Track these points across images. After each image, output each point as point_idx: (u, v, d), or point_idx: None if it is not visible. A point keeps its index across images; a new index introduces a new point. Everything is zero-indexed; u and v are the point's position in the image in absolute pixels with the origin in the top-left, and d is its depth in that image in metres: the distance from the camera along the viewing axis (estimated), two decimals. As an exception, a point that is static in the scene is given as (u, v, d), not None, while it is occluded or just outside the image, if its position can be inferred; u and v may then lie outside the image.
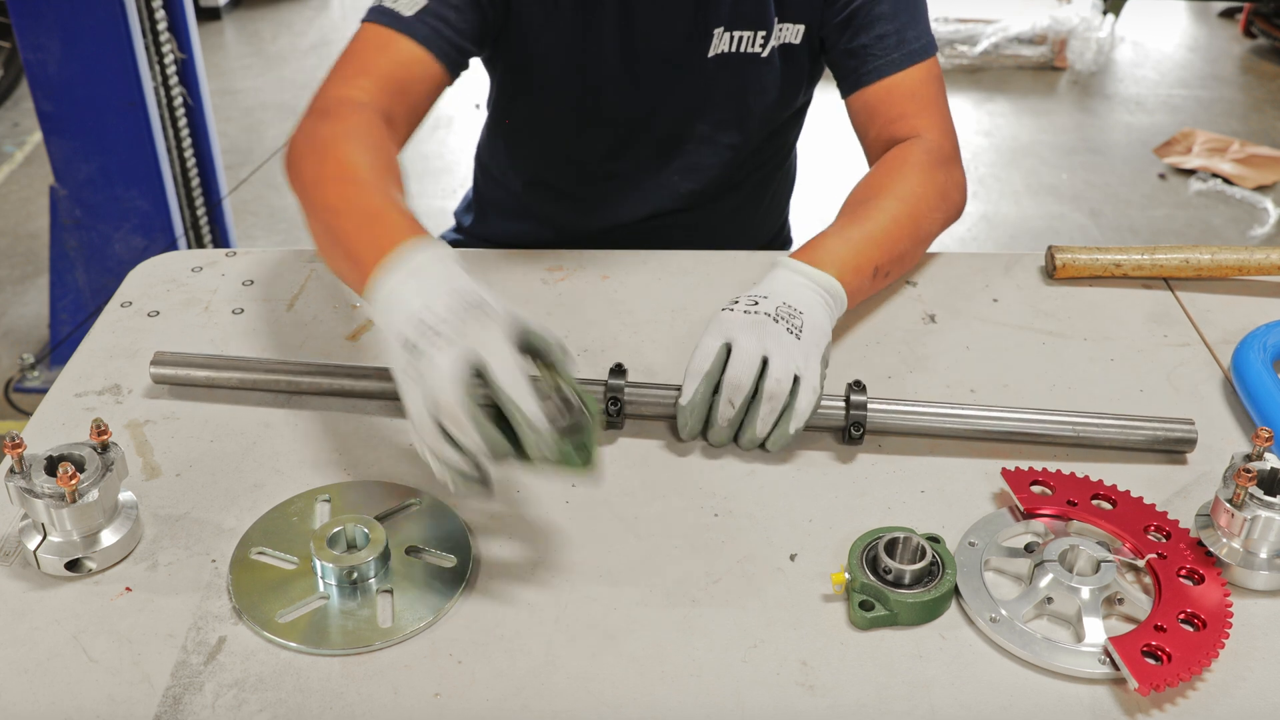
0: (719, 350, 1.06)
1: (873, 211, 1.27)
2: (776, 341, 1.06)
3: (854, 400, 1.08)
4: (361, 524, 0.95)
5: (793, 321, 1.08)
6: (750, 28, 1.40)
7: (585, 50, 1.40)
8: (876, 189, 1.31)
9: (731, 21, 1.39)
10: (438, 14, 1.28)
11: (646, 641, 0.89)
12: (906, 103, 1.40)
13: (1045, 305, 1.33)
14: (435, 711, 0.83)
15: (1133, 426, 1.08)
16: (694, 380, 1.06)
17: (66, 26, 2.58)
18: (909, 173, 1.33)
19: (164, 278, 1.34)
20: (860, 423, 1.07)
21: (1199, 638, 0.87)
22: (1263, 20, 5.45)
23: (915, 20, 1.41)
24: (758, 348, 1.06)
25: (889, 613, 0.90)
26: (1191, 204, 4.15)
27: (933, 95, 1.42)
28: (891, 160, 1.36)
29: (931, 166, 1.35)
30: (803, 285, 1.15)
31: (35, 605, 0.91)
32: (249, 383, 1.14)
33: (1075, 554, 0.94)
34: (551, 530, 0.99)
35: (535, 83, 1.46)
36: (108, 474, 0.93)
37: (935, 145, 1.38)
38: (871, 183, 1.33)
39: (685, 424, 1.07)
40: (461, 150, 4.49)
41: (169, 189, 2.85)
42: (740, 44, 1.41)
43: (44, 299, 3.21)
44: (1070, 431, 1.08)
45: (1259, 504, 0.92)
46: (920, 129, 1.39)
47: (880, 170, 1.35)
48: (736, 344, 1.06)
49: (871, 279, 1.23)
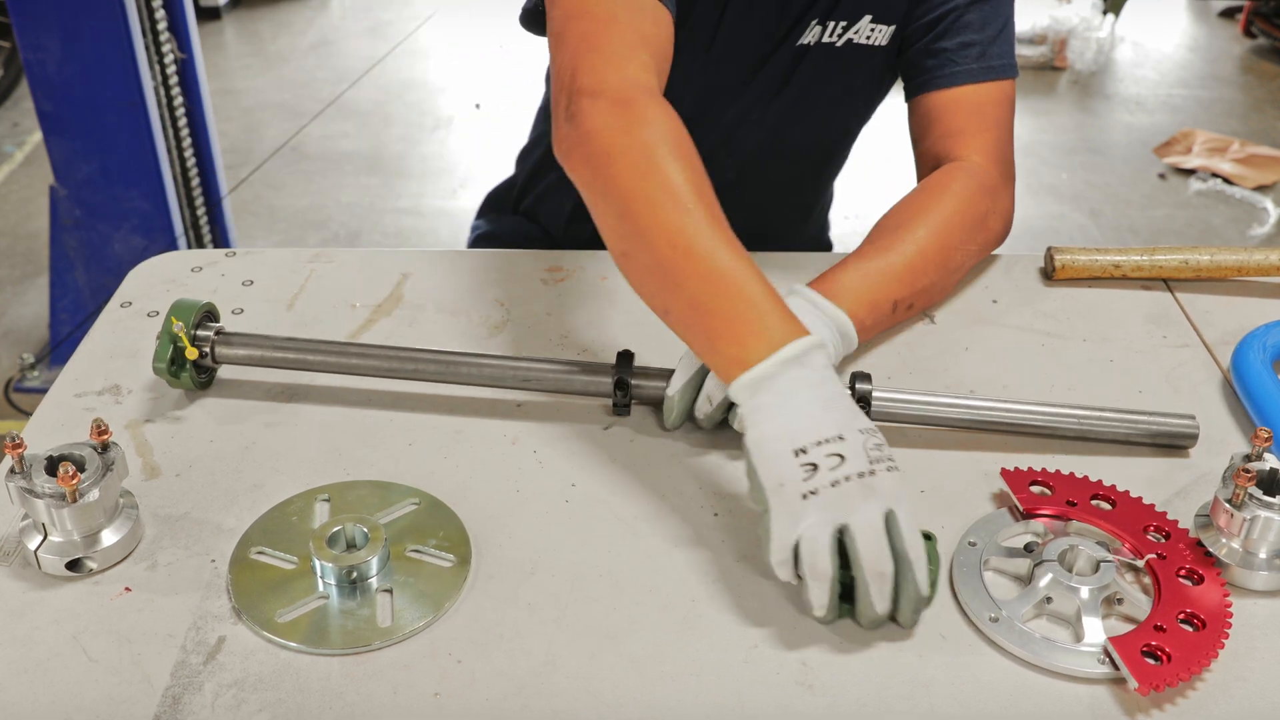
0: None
1: (900, 241, 1.23)
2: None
3: (859, 390, 1.08)
4: (361, 524, 0.95)
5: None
6: (835, 18, 1.36)
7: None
8: (909, 215, 1.27)
9: (825, 13, 1.36)
10: None
11: (646, 641, 0.89)
12: (969, 118, 1.35)
13: (1044, 306, 1.33)
14: (435, 711, 0.83)
15: (1135, 420, 1.09)
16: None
17: (66, 26, 2.58)
18: (946, 200, 1.28)
19: (164, 278, 1.34)
20: (865, 407, 1.07)
21: (1199, 638, 0.87)
22: (1263, 20, 5.45)
23: (1003, 38, 1.36)
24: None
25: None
26: (1191, 204, 4.16)
27: (999, 117, 1.36)
28: (931, 185, 1.31)
29: (973, 194, 1.29)
30: (811, 315, 1.11)
31: (35, 605, 0.91)
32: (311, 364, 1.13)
33: (1075, 554, 0.94)
34: (551, 530, 0.99)
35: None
36: (108, 474, 0.93)
37: (981, 170, 1.32)
38: (904, 208, 1.29)
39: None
40: (461, 150, 4.49)
41: (169, 189, 2.85)
42: (824, 34, 1.38)
43: (44, 299, 3.21)
44: (1074, 425, 1.09)
45: (1258, 504, 0.93)
46: (973, 150, 1.33)
47: (917, 196, 1.30)
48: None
49: (890, 314, 1.20)
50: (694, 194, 1.00)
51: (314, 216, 3.99)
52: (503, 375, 1.12)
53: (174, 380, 1.12)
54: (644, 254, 1.00)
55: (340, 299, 1.31)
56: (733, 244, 0.99)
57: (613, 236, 1.04)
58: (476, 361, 1.12)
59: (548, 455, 1.08)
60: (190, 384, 1.13)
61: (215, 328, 1.13)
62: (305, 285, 1.33)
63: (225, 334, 1.13)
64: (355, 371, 1.13)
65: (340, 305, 1.30)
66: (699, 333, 0.98)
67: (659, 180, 1.00)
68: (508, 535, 0.99)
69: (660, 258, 0.99)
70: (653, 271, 1.00)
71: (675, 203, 0.99)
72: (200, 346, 1.11)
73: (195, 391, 1.15)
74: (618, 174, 1.02)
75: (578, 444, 1.09)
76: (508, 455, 1.08)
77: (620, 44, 1.11)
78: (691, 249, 0.97)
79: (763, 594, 0.94)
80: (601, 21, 1.12)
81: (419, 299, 1.31)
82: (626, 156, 1.02)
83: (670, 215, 0.99)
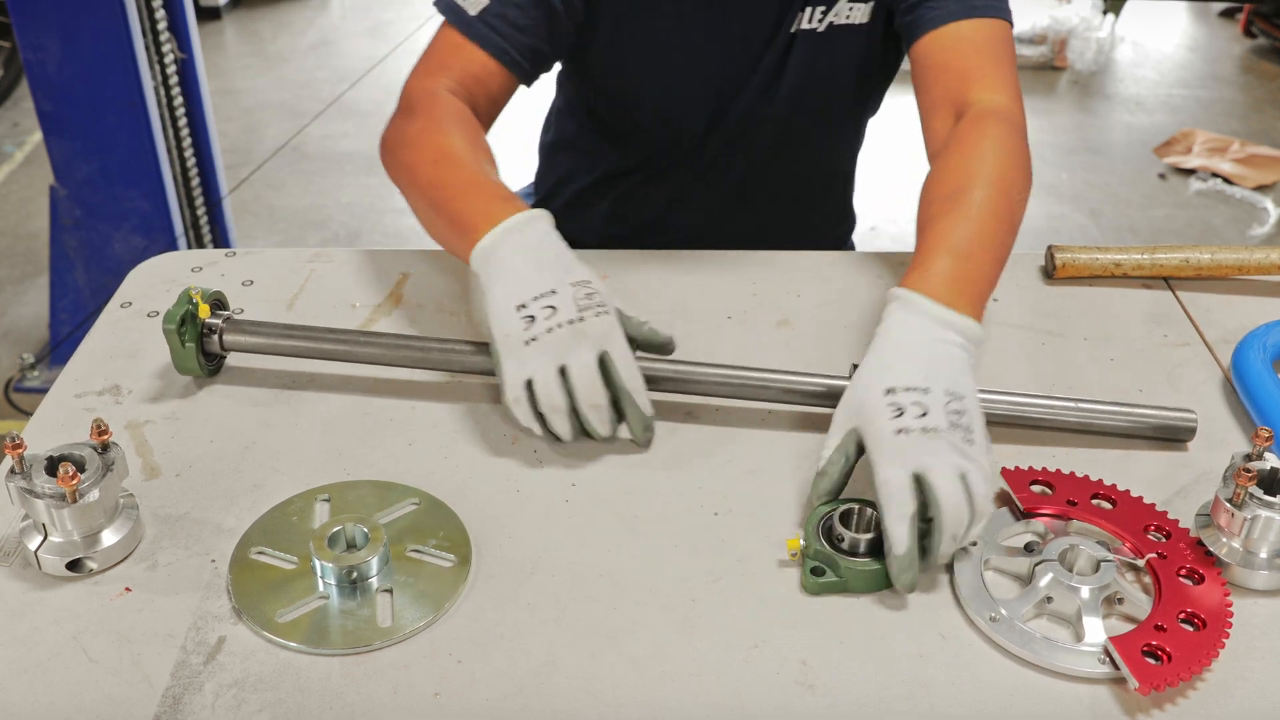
0: (911, 484, 0.93)
1: (970, 210, 1.14)
2: (964, 458, 0.94)
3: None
4: (361, 524, 0.95)
5: (963, 419, 0.96)
6: (815, 4, 1.38)
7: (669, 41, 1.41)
8: (966, 176, 1.18)
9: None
10: (499, 13, 1.30)
11: (646, 641, 0.89)
12: (972, 55, 1.29)
13: (1045, 305, 1.33)
14: (435, 711, 0.83)
15: (1134, 414, 1.09)
16: (900, 524, 0.92)
17: (66, 26, 2.58)
18: (990, 150, 1.21)
19: (164, 278, 1.34)
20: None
21: (1199, 637, 0.87)
22: (1263, 20, 5.45)
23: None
24: (953, 471, 0.93)
25: (838, 579, 0.93)
26: (1191, 204, 4.15)
27: (1002, 54, 1.30)
28: (968, 138, 1.23)
29: (1016, 139, 1.24)
30: (951, 344, 1.03)
31: (35, 605, 0.91)
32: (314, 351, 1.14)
33: (1075, 553, 0.94)
34: (551, 530, 0.99)
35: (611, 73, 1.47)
36: (108, 474, 0.93)
37: (1007, 110, 1.26)
38: (956, 168, 1.21)
39: (904, 572, 0.91)
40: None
41: (169, 189, 2.85)
42: (808, 19, 1.39)
43: (44, 299, 3.21)
44: (1074, 418, 1.09)
45: (1259, 504, 0.93)
46: (989, 88, 1.27)
47: (962, 152, 1.22)
48: (931, 475, 0.93)
49: (990, 289, 1.14)
50: (466, 152, 1.21)
51: (314, 216, 3.99)
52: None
53: (181, 352, 1.12)
54: (421, 207, 1.21)
55: (340, 299, 1.31)
56: (481, 168, 1.19)
57: (415, 211, 1.24)
58: (481, 351, 1.12)
59: (548, 455, 1.08)
60: (199, 370, 1.13)
61: (224, 314, 1.14)
62: (305, 285, 1.33)
63: (234, 320, 1.14)
64: (362, 360, 1.14)
65: (340, 305, 1.30)
66: (455, 239, 1.14)
67: (430, 148, 1.22)
68: (508, 535, 0.99)
69: (428, 201, 1.19)
70: (427, 219, 1.21)
71: (444, 159, 1.20)
72: (209, 330, 1.13)
73: (201, 379, 1.15)
74: (402, 155, 1.25)
75: (578, 444, 1.09)
76: (508, 455, 1.08)
77: (428, 68, 1.33)
78: (445, 185, 1.18)
79: (763, 594, 0.94)
80: (425, 55, 1.34)
81: (419, 299, 1.31)
82: (405, 139, 1.26)
83: (439, 168, 1.20)
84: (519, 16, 1.31)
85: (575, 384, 1.03)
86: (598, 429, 1.05)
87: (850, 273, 1.37)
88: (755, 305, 1.31)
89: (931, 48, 1.32)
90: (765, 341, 1.25)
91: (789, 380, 1.10)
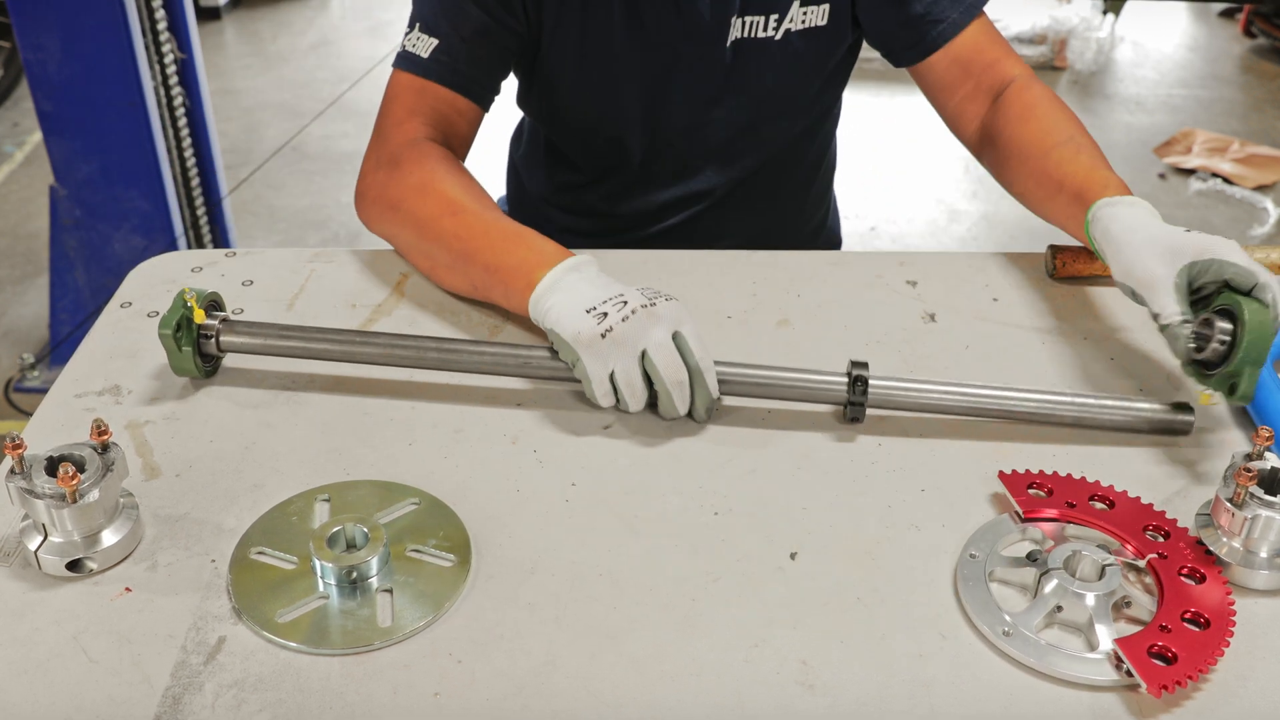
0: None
1: (1089, 145, 1.30)
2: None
3: (855, 375, 1.09)
4: (361, 524, 0.95)
5: None
6: (762, 12, 1.40)
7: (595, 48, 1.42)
8: (1068, 125, 1.33)
9: (744, 7, 1.40)
10: (449, 50, 1.35)
11: (646, 641, 0.89)
12: (989, 47, 1.42)
13: (1045, 304, 1.33)
14: (435, 711, 0.83)
15: (1131, 408, 1.10)
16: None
17: (66, 26, 2.58)
18: (1060, 106, 1.36)
19: (164, 278, 1.34)
20: (863, 385, 1.09)
21: (1204, 636, 0.87)
22: (1263, 20, 5.44)
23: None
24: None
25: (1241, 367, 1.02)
26: (1191, 204, 4.15)
27: (999, 36, 1.44)
28: (1041, 103, 1.36)
29: (1055, 96, 1.38)
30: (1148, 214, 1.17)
31: (35, 606, 0.91)
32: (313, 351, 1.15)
33: (1079, 559, 0.94)
34: (551, 530, 0.99)
35: (555, 89, 1.49)
36: (108, 474, 0.93)
37: (1036, 80, 1.40)
38: (1056, 121, 1.34)
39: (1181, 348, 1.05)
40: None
41: (169, 189, 2.85)
42: (752, 29, 1.42)
43: (44, 299, 3.21)
44: (1071, 412, 1.09)
45: (1259, 503, 0.92)
46: (1013, 65, 1.42)
47: (1048, 112, 1.35)
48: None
49: None
50: (479, 204, 1.24)
51: (314, 216, 3.99)
52: (503, 362, 1.13)
53: (178, 355, 1.12)
54: (443, 256, 1.25)
55: (340, 299, 1.31)
56: (500, 216, 1.22)
57: (420, 259, 1.29)
58: (478, 349, 1.13)
59: (548, 455, 1.08)
60: (196, 371, 1.13)
61: (221, 315, 1.14)
62: (305, 285, 1.33)
63: (230, 321, 1.14)
64: (359, 359, 1.14)
65: (340, 305, 1.30)
66: (497, 286, 1.18)
67: (437, 199, 1.25)
68: (508, 535, 0.99)
69: (455, 252, 1.22)
70: (453, 267, 1.24)
71: (459, 210, 1.24)
72: (205, 333, 1.13)
73: (200, 380, 1.16)
74: (411, 207, 1.27)
75: (578, 444, 1.09)
76: (508, 455, 1.08)
77: (396, 119, 1.35)
78: (473, 236, 1.21)
79: (763, 594, 0.93)
80: (386, 108, 1.37)
81: (419, 299, 1.31)
82: (406, 192, 1.28)
83: (459, 219, 1.23)
84: (468, 52, 1.36)
85: (659, 364, 1.06)
86: (677, 407, 1.08)
87: (850, 273, 1.37)
88: (755, 305, 1.31)
89: (950, 56, 1.43)
90: (765, 341, 1.25)
91: (794, 377, 1.11)
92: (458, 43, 1.35)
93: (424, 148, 1.31)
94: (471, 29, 1.35)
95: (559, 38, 1.42)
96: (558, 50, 1.43)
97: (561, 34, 1.41)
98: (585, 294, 1.10)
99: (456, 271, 1.24)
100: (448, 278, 1.27)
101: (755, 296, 1.32)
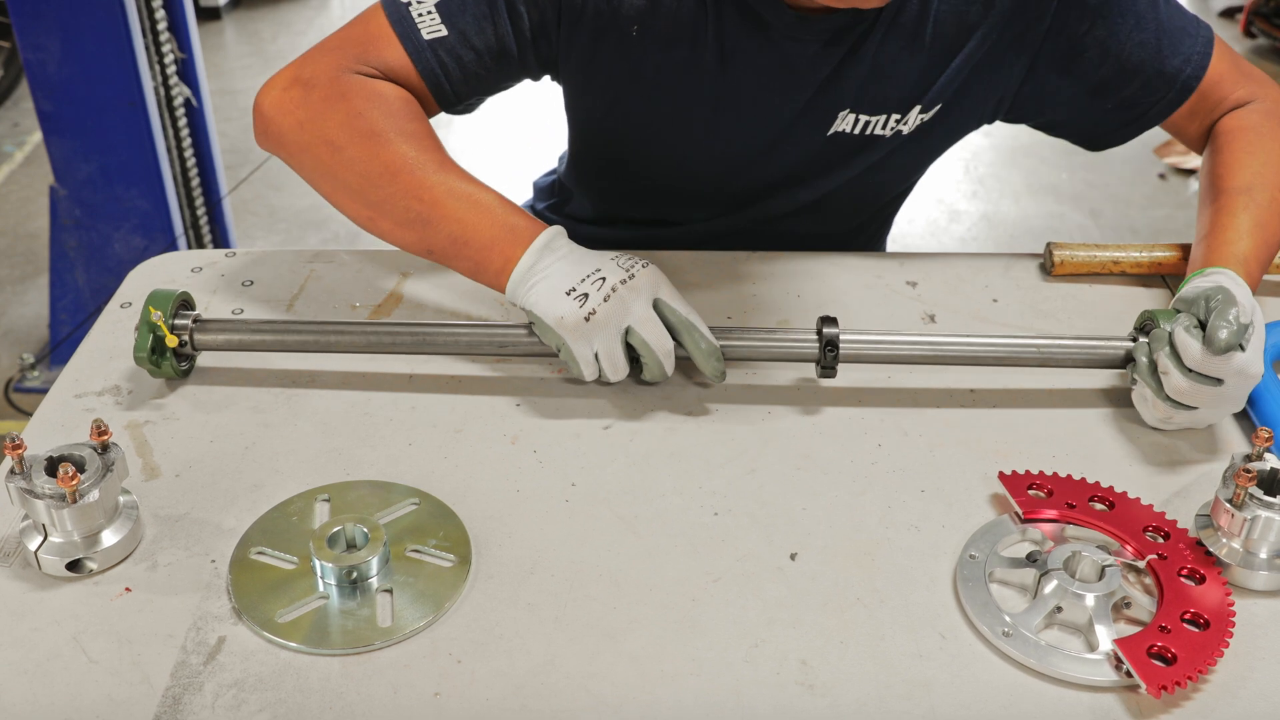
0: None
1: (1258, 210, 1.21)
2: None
3: (826, 333, 1.12)
4: (361, 524, 0.95)
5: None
6: (879, 112, 1.29)
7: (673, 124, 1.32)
8: (1243, 178, 1.24)
9: (858, 104, 1.28)
10: (450, 50, 1.19)
11: (646, 641, 0.89)
12: (1212, 94, 1.31)
13: (1044, 305, 1.33)
14: (435, 711, 0.83)
15: (1094, 345, 1.14)
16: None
17: (66, 26, 2.58)
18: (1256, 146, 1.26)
19: (164, 278, 1.34)
20: (833, 345, 1.12)
21: (1203, 637, 0.87)
22: (1263, 20, 5.44)
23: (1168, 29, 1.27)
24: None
25: None
26: (1191, 204, 4.15)
27: (1236, 73, 1.31)
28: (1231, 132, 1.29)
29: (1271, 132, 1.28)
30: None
31: (35, 606, 0.91)
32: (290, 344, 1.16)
33: (1079, 560, 0.93)
34: (551, 530, 0.99)
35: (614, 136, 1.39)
36: (108, 474, 0.93)
37: (1274, 100, 1.31)
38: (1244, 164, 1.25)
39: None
40: (461, 150, 4.49)
41: (169, 189, 2.85)
42: (865, 127, 1.31)
43: (44, 299, 3.21)
44: (1034, 353, 1.14)
45: (1259, 504, 0.92)
46: (1246, 96, 1.31)
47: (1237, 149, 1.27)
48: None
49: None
50: (419, 152, 1.14)
51: (314, 216, 3.99)
52: (479, 342, 1.14)
53: (155, 370, 1.13)
54: (393, 214, 1.14)
55: (340, 299, 1.31)
56: (462, 176, 1.14)
57: (352, 207, 1.19)
58: (452, 331, 1.14)
59: (548, 455, 1.08)
60: (172, 372, 1.14)
61: (192, 315, 1.15)
62: (305, 285, 1.33)
63: (202, 321, 1.14)
64: (336, 349, 1.15)
65: (340, 305, 1.30)
66: (464, 260, 1.13)
67: (389, 153, 1.14)
68: (508, 535, 0.99)
69: (412, 214, 1.13)
70: (406, 226, 1.14)
71: (408, 165, 1.13)
72: (179, 335, 1.13)
73: (177, 380, 1.16)
74: (349, 159, 1.15)
75: (578, 444, 1.09)
76: (508, 455, 1.08)
77: (346, 51, 1.20)
78: (435, 198, 1.12)
79: (763, 594, 0.94)
80: (345, 37, 1.22)
81: (419, 299, 1.31)
82: (352, 144, 1.15)
83: (409, 178, 1.13)
84: (474, 62, 1.21)
85: (646, 338, 1.07)
86: (667, 372, 1.10)
87: (850, 273, 1.37)
88: (755, 305, 1.31)
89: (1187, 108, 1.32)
90: (765, 341, 1.25)
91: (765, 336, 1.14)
92: (464, 49, 1.20)
93: (379, 86, 1.17)
94: (485, 43, 1.20)
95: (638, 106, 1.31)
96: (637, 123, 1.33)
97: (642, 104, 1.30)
98: (564, 273, 1.08)
99: (409, 233, 1.15)
100: (391, 234, 1.17)
101: (755, 296, 1.32)
